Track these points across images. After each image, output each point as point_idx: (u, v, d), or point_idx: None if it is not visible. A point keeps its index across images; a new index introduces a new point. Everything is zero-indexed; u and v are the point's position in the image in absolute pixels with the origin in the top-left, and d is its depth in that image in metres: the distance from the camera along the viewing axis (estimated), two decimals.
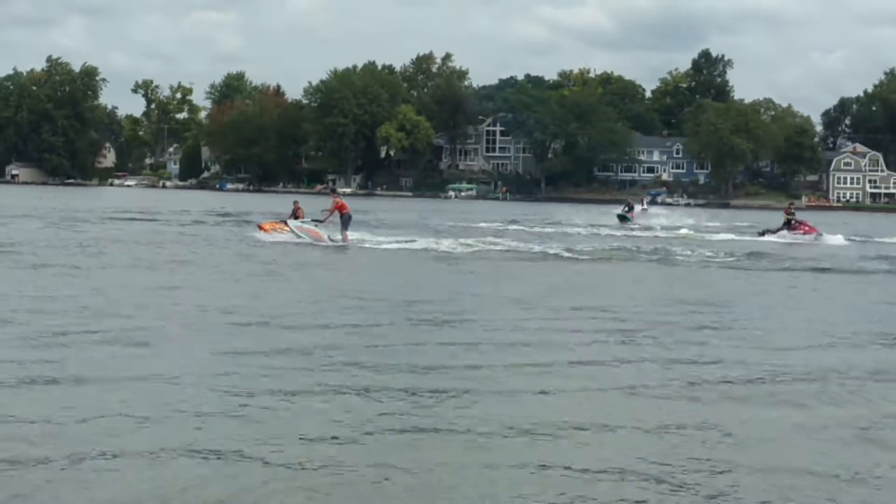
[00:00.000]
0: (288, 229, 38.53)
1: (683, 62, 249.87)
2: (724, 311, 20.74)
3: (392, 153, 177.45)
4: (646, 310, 20.47)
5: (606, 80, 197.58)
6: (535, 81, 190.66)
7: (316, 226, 38.76)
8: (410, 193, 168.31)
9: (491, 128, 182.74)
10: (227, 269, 27.20)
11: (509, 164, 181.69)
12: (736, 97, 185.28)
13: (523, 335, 16.64)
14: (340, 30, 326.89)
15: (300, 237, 37.88)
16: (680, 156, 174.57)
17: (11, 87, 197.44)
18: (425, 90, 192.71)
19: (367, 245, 37.78)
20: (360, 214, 61.80)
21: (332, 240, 37.92)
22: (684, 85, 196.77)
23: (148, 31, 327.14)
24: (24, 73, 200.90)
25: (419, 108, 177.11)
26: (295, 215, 39.60)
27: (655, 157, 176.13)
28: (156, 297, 20.01)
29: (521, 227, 59.28)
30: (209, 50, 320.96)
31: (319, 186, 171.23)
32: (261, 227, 39.94)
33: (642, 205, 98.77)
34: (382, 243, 38.38)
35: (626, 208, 70.60)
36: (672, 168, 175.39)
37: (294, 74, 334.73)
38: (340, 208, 38.73)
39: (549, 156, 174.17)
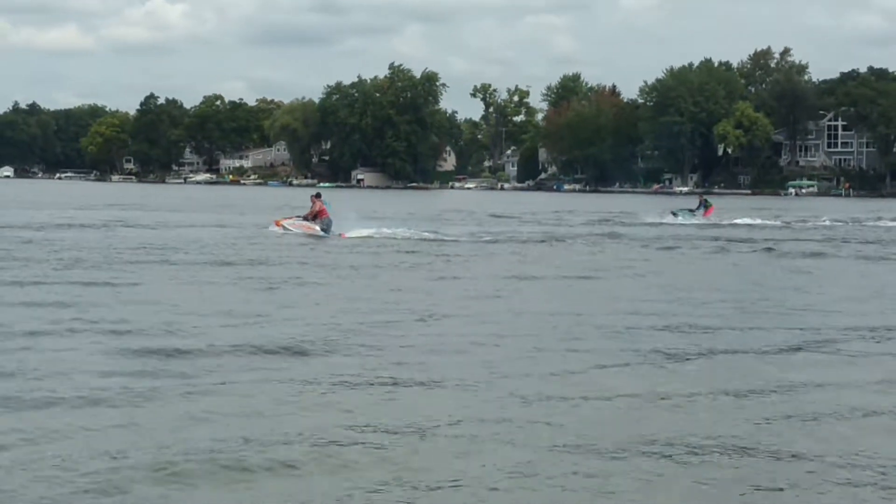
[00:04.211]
0: (298, 225, 41.89)
1: None
2: None
3: (729, 151, 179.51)
4: None
5: None
6: (878, 74, 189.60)
7: (305, 220, 41.95)
8: (748, 191, 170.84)
9: (832, 122, 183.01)
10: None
11: (852, 159, 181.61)
12: None
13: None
14: (675, 28, 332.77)
15: (290, 231, 41.37)
16: None
17: (356, 95, 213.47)
18: (763, 86, 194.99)
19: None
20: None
21: (323, 231, 40.97)
22: None
23: (484, 35, 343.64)
24: (368, 81, 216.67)
25: (757, 104, 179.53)
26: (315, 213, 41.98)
27: None
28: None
29: None
30: (545, 52, 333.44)
31: (657, 186, 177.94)
32: (276, 224, 42.97)
33: None
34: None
35: (700, 206, 64.01)
36: None
37: (629, 74, 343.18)
38: (321, 213, 41.40)
39: (895, 150, 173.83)
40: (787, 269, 32.68)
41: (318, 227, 41.01)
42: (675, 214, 62.87)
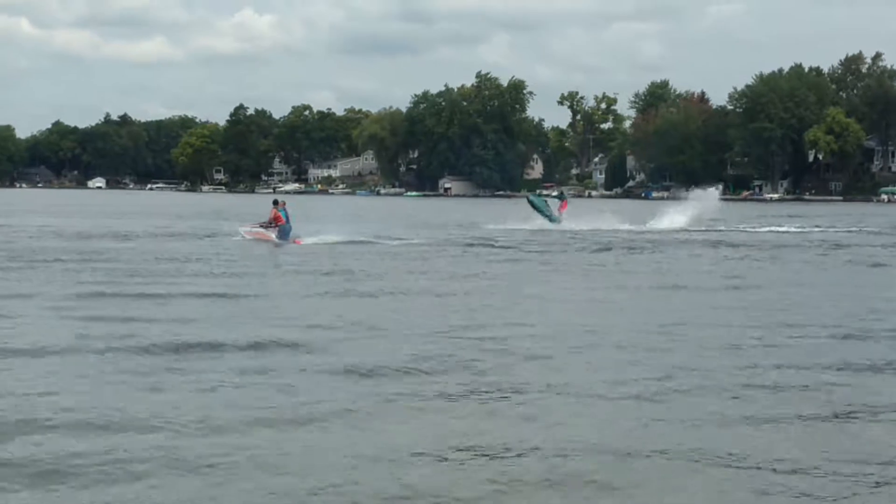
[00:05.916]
0: (255, 233, 43.75)
1: None
2: None
3: (820, 157, 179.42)
4: None
5: None
6: None
7: (264, 228, 43.38)
8: (840, 198, 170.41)
9: None
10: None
11: None
12: None
13: None
14: (765, 33, 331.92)
15: (247, 238, 43.28)
16: None
17: (444, 104, 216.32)
18: (855, 91, 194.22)
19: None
20: (785, 219, 67.90)
21: (278, 240, 42.00)
22: None
23: (571, 43, 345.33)
24: (455, 90, 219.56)
25: (849, 110, 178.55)
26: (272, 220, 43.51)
27: None
28: None
29: None
30: (632, 59, 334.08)
31: (746, 193, 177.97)
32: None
33: None
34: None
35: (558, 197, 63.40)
36: None
37: (718, 80, 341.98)
38: (276, 219, 42.78)
39: None
40: None
41: (273, 235, 42.32)
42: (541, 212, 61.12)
